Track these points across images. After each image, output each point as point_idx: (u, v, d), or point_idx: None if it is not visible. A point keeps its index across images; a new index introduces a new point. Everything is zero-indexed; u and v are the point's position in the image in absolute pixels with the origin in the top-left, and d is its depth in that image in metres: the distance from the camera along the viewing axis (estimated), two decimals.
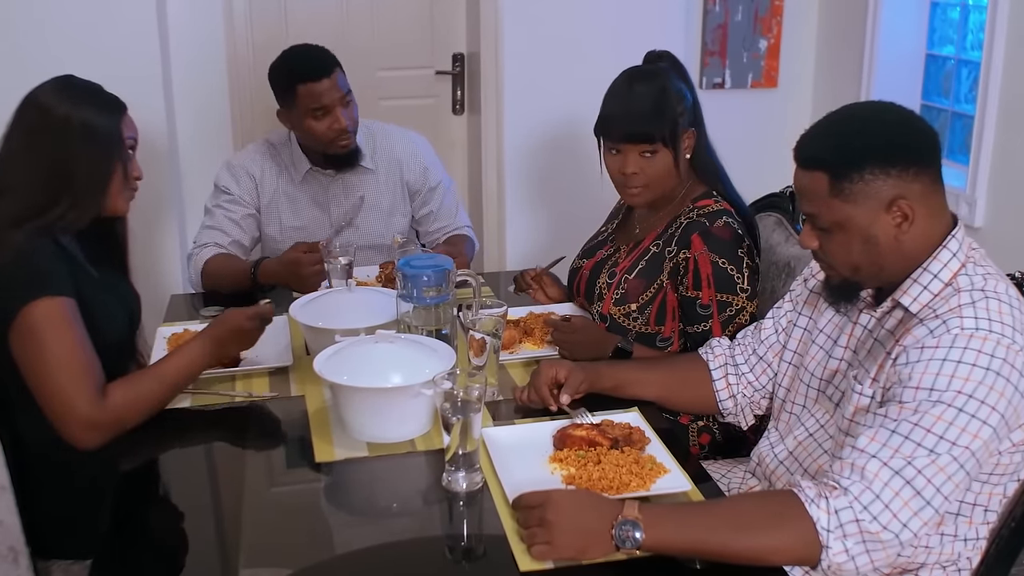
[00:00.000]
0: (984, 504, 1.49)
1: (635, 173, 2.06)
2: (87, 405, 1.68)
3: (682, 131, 2.06)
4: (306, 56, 2.53)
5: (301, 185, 2.66)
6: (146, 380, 1.78)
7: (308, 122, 2.51)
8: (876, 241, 1.48)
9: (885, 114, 1.52)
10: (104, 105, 1.85)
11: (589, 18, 3.53)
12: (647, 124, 2.03)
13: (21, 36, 3.02)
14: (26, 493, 1.73)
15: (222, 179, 2.63)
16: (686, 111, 2.06)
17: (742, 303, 2.01)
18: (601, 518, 1.36)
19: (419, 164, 2.74)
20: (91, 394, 1.69)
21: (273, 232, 2.67)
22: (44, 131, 1.79)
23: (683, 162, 2.08)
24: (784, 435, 1.75)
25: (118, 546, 1.50)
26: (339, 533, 1.52)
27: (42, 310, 1.70)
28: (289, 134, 2.66)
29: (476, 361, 1.81)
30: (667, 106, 2.03)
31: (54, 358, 1.68)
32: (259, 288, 2.43)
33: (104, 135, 1.82)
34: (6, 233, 1.74)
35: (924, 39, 3.58)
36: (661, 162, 2.05)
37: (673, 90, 2.05)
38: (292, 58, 2.55)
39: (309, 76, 2.46)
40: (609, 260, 2.21)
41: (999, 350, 1.38)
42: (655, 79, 2.06)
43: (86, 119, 1.80)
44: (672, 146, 2.05)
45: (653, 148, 2.04)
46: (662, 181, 2.08)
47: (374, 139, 2.71)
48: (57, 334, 1.69)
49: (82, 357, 1.71)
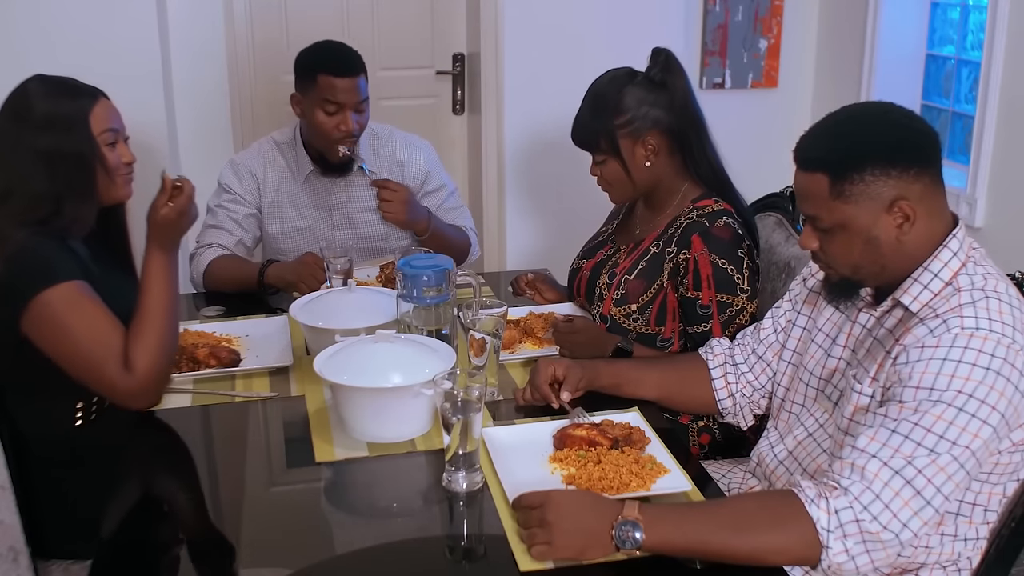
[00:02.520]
0: (984, 504, 1.49)
1: (598, 181, 2.15)
2: (119, 376, 1.71)
3: (627, 141, 2.05)
4: (339, 50, 2.55)
5: (304, 185, 2.66)
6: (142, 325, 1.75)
7: (317, 113, 2.51)
8: (877, 242, 1.48)
9: (885, 115, 1.52)
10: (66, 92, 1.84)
11: (589, 18, 3.53)
12: (584, 131, 2.11)
13: (21, 36, 3.02)
14: (26, 493, 1.73)
15: (225, 177, 2.63)
16: (637, 118, 2.04)
17: (742, 303, 2.01)
18: (601, 518, 1.36)
19: (421, 169, 2.74)
20: (119, 365, 1.71)
21: (275, 232, 2.67)
22: (14, 131, 1.79)
23: (641, 168, 2.07)
24: (783, 435, 1.75)
25: (118, 546, 1.50)
26: (339, 533, 1.52)
27: (56, 295, 1.71)
28: (294, 134, 2.66)
29: (476, 361, 1.81)
30: (602, 116, 2.06)
31: (82, 337, 1.71)
32: (265, 290, 2.44)
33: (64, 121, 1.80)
34: (9, 231, 1.74)
35: (924, 39, 3.58)
36: (611, 169, 2.09)
37: (615, 99, 2.05)
38: (325, 48, 2.57)
39: (334, 70, 2.48)
40: (609, 261, 2.21)
41: (999, 350, 1.38)
42: (602, 88, 2.08)
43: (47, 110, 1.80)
44: (615, 154, 2.06)
45: (600, 157, 2.10)
46: (621, 184, 2.11)
47: (378, 141, 2.71)
48: (79, 313, 1.71)
49: (108, 330, 1.73)
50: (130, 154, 1.92)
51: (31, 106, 1.80)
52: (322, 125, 2.51)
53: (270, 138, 2.70)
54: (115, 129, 1.88)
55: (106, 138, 1.85)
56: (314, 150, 2.61)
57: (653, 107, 2.05)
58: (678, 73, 2.07)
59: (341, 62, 2.50)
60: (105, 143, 1.85)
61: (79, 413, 1.85)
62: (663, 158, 2.08)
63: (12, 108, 1.82)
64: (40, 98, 1.81)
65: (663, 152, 2.08)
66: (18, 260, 1.73)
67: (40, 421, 1.83)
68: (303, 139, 2.63)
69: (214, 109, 3.48)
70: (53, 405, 1.84)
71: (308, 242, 2.65)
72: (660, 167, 2.09)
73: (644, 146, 2.06)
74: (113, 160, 1.87)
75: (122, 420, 1.83)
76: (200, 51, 3.40)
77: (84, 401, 1.85)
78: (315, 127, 2.53)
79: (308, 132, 2.60)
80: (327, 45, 2.57)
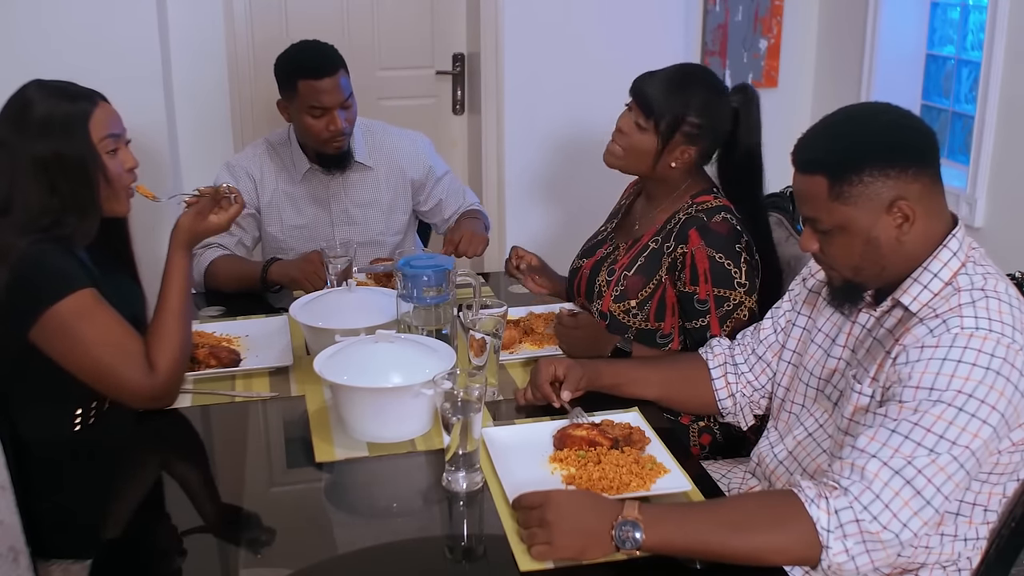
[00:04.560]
0: (984, 504, 1.49)
1: (620, 131, 2.09)
2: (143, 378, 1.74)
3: (681, 137, 2.04)
4: (313, 52, 2.54)
5: (301, 184, 2.67)
6: (166, 326, 1.79)
7: (305, 118, 2.51)
8: (878, 242, 1.48)
9: (882, 115, 1.52)
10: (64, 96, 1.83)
11: (589, 18, 3.53)
12: (657, 93, 2.04)
13: (21, 36, 3.02)
14: (26, 493, 1.73)
15: (221, 179, 2.63)
16: (700, 127, 2.03)
17: (740, 298, 2.01)
18: (601, 518, 1.36)
19: (423, 161, 2.76)
20: (142, 367, 1.74)
21: (275, 231, 2.68)
22: (12, 137, 1.78)
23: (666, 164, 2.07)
24: (783, 435, 1.75)
25: (118, 546, 1.50)
26: (339, 533, 1.52)
27: (68, 306, 1.71)
28: (288, 133, 2.67)
29: (476, 361, 1.81)
30: (683, 98, 2.02)
31: (96, 345, 1.72)
32: (268, 288, 2.44)
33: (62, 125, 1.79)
34: (12, 241, 1.74)
35: (924, 39, 3.58)
36: (644, 140, 2.06)
37: (701, 94, 2.03)
38: (299, 52, 2.56)
39: (312, 73, 2.47)
40: (608, 258, 2.21)
41: (999, 349, 1.38)
42: (699, 77, 2.07)
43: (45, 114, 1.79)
44: (661, 136, 2.04)
45: (645, 124, 2.05)
46: (636, 157, 2.08)
47: (373, 137, 2.72)
48: (92, 322, 1.73)
49: (123, 335, 1.75)
50: (133, 159, 1.90)
51: (29, 111, 1.79)
52: (311, 128, 2.52)
53: (264, 140, 2.72)
54: (116, 134, 1.86)
55: (106, 145, 1.84)
56: (311, 148, 2.62)
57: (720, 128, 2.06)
58: (756, 110, 2.08)
59: (318, 64, 2.49)
60: (106, 150, 1.83)
61: (78, 419, 1.85)
62: (685, 167, 2.09)
63: (10, 114, 1.81)
64: (38, 103, 1.79)
65: (691, 163, 2.09)
66: (25, 271, 1.72)
67: (39, 427, 1.82)
68: (298, 138, 2.64)
69: (214, 109, 3.47)
70: (52, 412, 1.83)
71: (308, 239, 2.66)
72: (677, 171, 2.10)
73: (685, 152, 2.06)
74: (115, 169, 1.85)
75: (122, 421, 1.84)
76: (200, 51, 3.40)
77: (83, 407, 1.85)
78: (305, 131, 2.54)
79: (300, 135, 2.61)
80: (301, 47, 2.57)
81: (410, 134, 2.79)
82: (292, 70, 2.51)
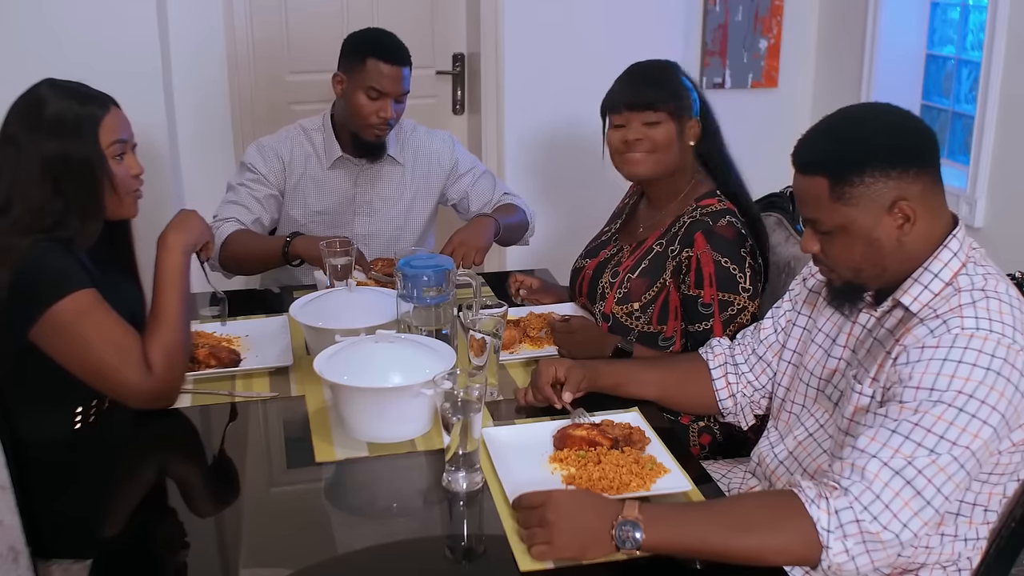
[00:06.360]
0: (984, 504, 1.49)
1: (639, 139, 2.07)
2: (142, 378, 1.74)
3: (686, 115, 2.08)
4: (390, 38, 2.59)
5: (330, 171, 2.68)
6: (164, 327, 1.79)
7: (360, 96, 2.53)
8: (879, 243, 1.48)
9: (882, 116, 1.52)
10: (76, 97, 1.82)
11: (589, 18, 3.53)
12: (650, 89, 2.07)
13: (22, 36, 3.02)
14: (26, 493, 1.73)
15: (249, 157, 2.65)
16: (692, 101, 2.09)
17: (744, 303, 2.01)
18: (601, 518, 1.36)
19: (449, 158, 2.78)
20: (141, 367, 1.74)
21: (296, 215, 2.69)
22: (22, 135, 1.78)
23: (686, 148, 2.10)
24: (784, 435, 1.75)
25: (118, 546, 1.50)
26: (339, 533, 1.52)
27: (68, 306, 1.72)
28: (323, 120, 2.68)
29: (476, 361, 1.81)
30: (670, 81, 2.09)
31: (96, 344, 1.72)
32: (289, 263, 2.45)
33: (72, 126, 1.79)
34: (13, 241, 1.74)
35: (924, 39, 3.58)
36: (664, 132, 2.07)
37: (678, 74, 2.11)
38: (377, 32, 2.61)
39: (385, 55, 2.51)
40: (612, 260, 2.21)
41: (999, 350, 1.38)
42: (661, 63, 2.12)
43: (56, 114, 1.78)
44: (675, 119, 2.06)
45: (656, 118, 2.06)
46: (665, 151, 2.08)
47: (403, 134, 2.74)
48: (92, 321, 1.73)
49: (122, 335, 1.75)
50: (138, 165, 1.90)
51: (41, 110, 1.79)
52: (362, 108, 2.54)
53: (298, 124, 2.73)
54: (123, 140, 1.86)
55: (114, 150, 1.84)
56: (348, 133, 2.63)
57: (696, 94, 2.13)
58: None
59: (392, 50, 2.54)
60: (113, 155, 1.83)
61: (78, 418, 1.85)
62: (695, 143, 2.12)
63: (22, 110, 1.81)
64: (50, 102, 1.79)
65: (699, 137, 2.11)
66: (27, 271, 1.72)
67: (39, 427, 1.82)
68: (334, 125, 2.65)
69: (214, 109, 3.47)
70: (52, 411, 1.84)
71: (328, 226, 2.68)
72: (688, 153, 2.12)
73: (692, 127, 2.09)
74: (121, 174, 1.85)
75: (122, 421, 1.84)
76: (200, 51, 3.40)
77: (83, 407, 1.85)
78: (354, 108, 2.55)
79: (344, 113, 2.61)
80: (380, 31, 2.62)
81: (438, 133, 2.82)
82: (365, 46, 2.54)
